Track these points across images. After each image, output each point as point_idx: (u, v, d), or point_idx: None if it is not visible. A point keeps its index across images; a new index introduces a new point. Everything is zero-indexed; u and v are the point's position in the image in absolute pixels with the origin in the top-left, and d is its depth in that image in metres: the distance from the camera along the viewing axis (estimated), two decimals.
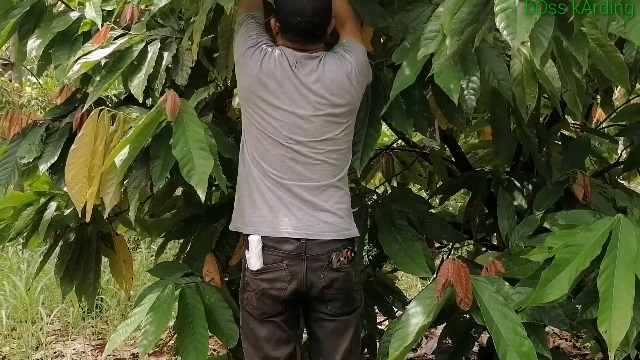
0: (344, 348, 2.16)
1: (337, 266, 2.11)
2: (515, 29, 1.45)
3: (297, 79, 2.08)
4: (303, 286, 2.09)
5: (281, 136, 2.09)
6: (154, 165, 2.17)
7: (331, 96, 2.10)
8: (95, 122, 2.26)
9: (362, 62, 2.16)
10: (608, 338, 1.59)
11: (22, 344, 4.50)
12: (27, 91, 7.80)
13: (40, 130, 2.55)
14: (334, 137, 2.13)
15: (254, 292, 2.11)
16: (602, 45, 1.99)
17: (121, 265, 3.07)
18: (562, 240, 1.75)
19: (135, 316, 2.19)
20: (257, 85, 2.09)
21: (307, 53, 2.12)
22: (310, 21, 2.08)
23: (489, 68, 2.12)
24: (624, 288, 1.61)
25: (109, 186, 2.27)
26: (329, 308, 2.14)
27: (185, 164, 2.06)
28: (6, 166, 2.52)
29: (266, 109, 2.09)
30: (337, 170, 2.16)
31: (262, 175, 2.11)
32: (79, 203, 2.29)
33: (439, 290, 1.85)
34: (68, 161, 2.29)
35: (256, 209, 2.11)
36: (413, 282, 5.89)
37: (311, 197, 2.11)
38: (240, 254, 2.78)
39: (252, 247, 2.08)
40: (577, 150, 2.77)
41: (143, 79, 2.33)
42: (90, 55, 2.36)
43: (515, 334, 1.73)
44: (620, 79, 2.10)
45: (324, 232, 2.10)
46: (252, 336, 2.16)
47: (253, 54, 2.10)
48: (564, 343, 4.51)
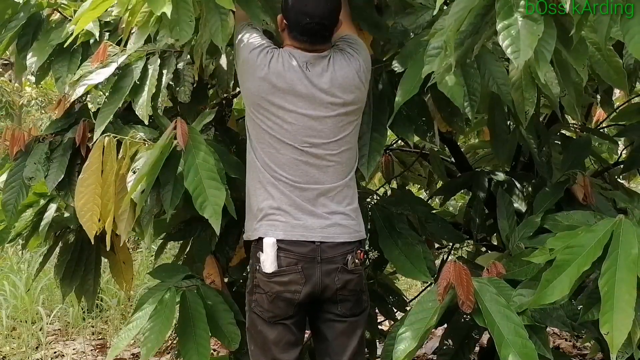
0: (352, 349, 2.17)
1: (352, 268, 2.12)
2: (519, 47, 1.46)
3: (309, 80, 2.07)
4: (317, 289, 2.10)
5: (296, 140, 2.07)
6: (164, 191, 2.17)
7: (343, 95, 2.09)
8: (101, 149, 2.25)
9: (367, 58, 2.17)
10: (610, 340, 1.59)
11: (22, 344, 4.51)
12: (27, 91, 7.80)
13: (43, 147, 2.53)
14: (345, 136, 2.13)
15: (266, 294, 2.09)
16: (600, 49, 1.99)
17: (121, 266, 3.07)
18: (563, 242, 1.75)
19: (137, 320, 2.18)
20: (266, 88, 2.06)
21: (317, 53, 2.10)
22: (320, 22, 2.07)
23: (489, 73, 2.12)
24: (626, 289, 1.61)
25: (122, 213, 2.26)
26: (339, 309, 2.15)
27: (198, 195, 2.06)
28: (13, 185, 2.51)
29: (278, 113, 2.07)
30: (348, 169, 2.17)
31: (275, 180, 2.09)
32: (91, 230, 2.29)
33: (441, 294, 1.84)
34: (77, 190, 2.28)
35: (268, 213, 2.09)
36: (413, 283, 5.89)
37: (325, 200, 2.11)
38: (240, 255, 2.79)
39: (267, 250, 2.06)
40: (577, 150, 2.77)
41: (147, 100, 2.31)
42: (92, 76, 2.35)
43: (518, 335, 1.73)
44: (618, 83, 2.10)
45: (338, 235, 2.11)
46: (261, 338, 2.14)
47: (259, 56, 2.07)
48: (564, 343, 4.51)
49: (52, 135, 2.60)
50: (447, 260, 3.50)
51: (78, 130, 2.48)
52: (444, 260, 3.52)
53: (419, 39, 2.12)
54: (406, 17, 2.22)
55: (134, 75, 2.36)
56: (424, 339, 1.83)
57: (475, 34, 1.62)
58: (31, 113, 7.57)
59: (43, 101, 7.56)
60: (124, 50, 2.37)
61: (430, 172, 3.78)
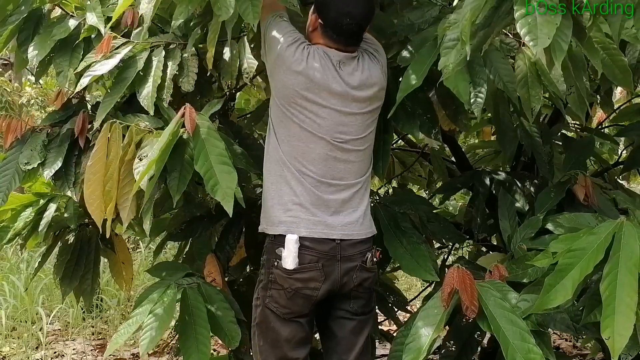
0: (359, 347, 2.18)
1: (370, 266, 2.16)
2: (537, 35, 1.47)
3: (342, 79, 2.09)
4: (336, 286, 2.11)
5: (328, 134, 2.09)
6: (170, 178, 2.15)
7: (371, 94, 2.13)
8: (107, 136, 2.25)
9: (385, 59, 2.21)
10: (611, 344, 1.58)
11: (22, 344, 4.50)
12: (27, 91, 7.79)
13: (40, 136, 2.53)
14: (370, 133, 2.18)
15: (284, 290, 2.09)
16: (605, 48, 1.99)
17: (120, 266, 3.06)
18: (565, 245, 1.74)
19: (137, 316, 2.17)
20: (302, 83, 2.07)
21: (348, 53, 2.12)
22: (358, 24, 2.09)
23: (495, 70, 2.12)
24: (627, 293, 1.60)
25: (124, 200, 2.25)
26: (352, 306, 2.17)
27: (209, 178, 2.05)
28: (7, 172, 2.50)
29: (312, 108, 2.08)
30: (367, 167, 2.21)
31: (299, 174, 2.10)
32: (99, 218, 2.29)
33: (446, 300, 1.84)
34: (86, 177, 2.27)
35: (290, 209, 2.10)
36: (413, 283, 5.90)
37: (348, 197, 2.14)
38: (240, 254, 2.79)
39: (290, 247, 2.06)
40: (579, 151, 2.76)
41: (152, 91, 2.31)
42: (97, 67, 2.34)
43: (523, 340, 1.73)
44: (624, 82, 2.11)
45: (357, 232, 2.13)
46: (272, 335, 2.14)
47: (296, 51, 2.08)
48: (564, 343, 4.51)
49: (50, 126, 2.59)
50: (447, 260, 3.51)
51: (77, 121, 2.47)
52: (445, 260, 3.52)
53: (425, 34, 2.13)
54: (413, 11, 2.23)
55: (138, 66, 2.35)
56: (432, 347, 1.82)
57: (488, 27, 1.62)
58: (31, 113, 7.55)
59: (43, 101, 7.56)
60: (129, 41, 2.37)
61: (430, 172, 3.78)
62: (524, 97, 2.11)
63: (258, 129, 3.12)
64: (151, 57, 2.38)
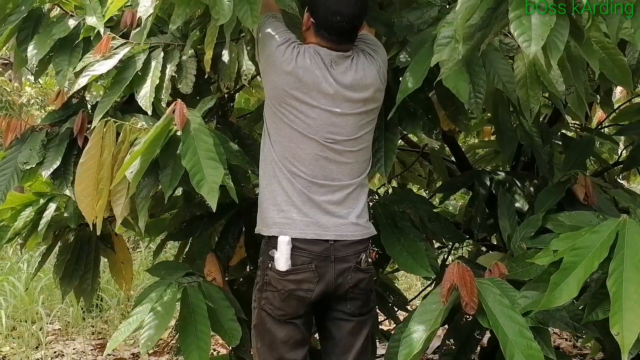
0: (357, 348, 2.17)
1: (365, 267, 2.14)
2: (530, 36, 1.46)
3: (333, 78, 2.08)
4: (330, 287, 2.10)
5: (318, 135, 2.08)
6: (163, 174, 2.16)
7: (366, 95, 2.11)
8: (101, 134, 2.25)
9: (385, 59, 2.19)
10: (620, 340, 1.58)
11: (22, 344, 4.50)
12: (27, 91, 7.78)
13: (40, 135, 2.53)
14: (364, 134, 2.15)
15: (278, 292, 2.09)
16: (605, 47, 1.99)
17: (120, 266, 3.06)
18: (566, 243, 1.74)
19: (137, 315, 2.17)
20: (292, 83, 2.07)
21: (341, 52, 2.11)
22: (350, 22, 2.08)
23: (494, 70, 2.12)
24: (634, 289, 1.60)
25: (118, 198, 2.25)
26: (349, 307, 2.15)
27: (195, 173, 2.04)
28: (6, 172, 2.50)
29: (302, 108, 2.08)
30: (363, 168, 2.19)
31: (291, 175, 2.10)
32: (90, 216, 2.29)
33: (445, 295, 1.84)
34: (77, 174, 2.27)
35: (283, 210, 2.09)
36: (413, 282, 5.90)
37: (341, 198, 2.12)
38: (240, 254, 2.79)
39: (282, 248, 2.06)
40: (579, 150, 2.76)
41: (150, 91, 2.32)
42: (95, 67, 2.35)
43: (522, 336, 1.73)
44: (623, 82, 2.10)
45: (351, 233, 2.12)
46: (269, 337, 2.14)
47: (285, 51, 2.07)
48: (564, 343, 4.51)
49: (49, 125, 2.59)
50: (447, 259, 3.52)
51: (77, 120, 2.48)
52: (445, 259, 3.52)
53: (424, 35, 2.13)
54: (412, 11, 2.23)
55: (136, 66, 2.36)
56: (429, 342, 1.82)
57: (486, 28, 1.62)
58: (31, 112, 7.55)
59: (43, 100, 7.55)
60: (127, 42, 2.37)
61: (430, 172, 3.78)
62: (522, 97, 2.11)
63: (258, 128, 3.12)
64: (150, 58, 2.38)
